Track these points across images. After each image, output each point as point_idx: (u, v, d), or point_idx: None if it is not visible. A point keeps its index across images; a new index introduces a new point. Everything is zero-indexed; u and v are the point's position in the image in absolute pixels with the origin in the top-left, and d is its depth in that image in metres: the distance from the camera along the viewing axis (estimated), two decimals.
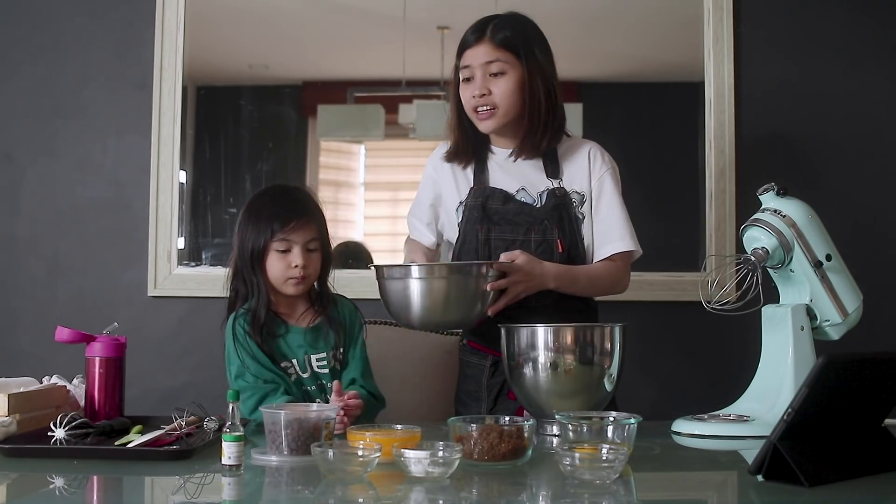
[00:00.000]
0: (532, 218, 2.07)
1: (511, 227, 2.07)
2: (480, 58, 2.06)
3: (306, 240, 1.98)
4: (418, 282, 1.89)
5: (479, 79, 2.06)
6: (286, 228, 1.97)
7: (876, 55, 2.88)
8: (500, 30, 2.07)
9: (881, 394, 1.49)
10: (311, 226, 2.00)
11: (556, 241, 2.06)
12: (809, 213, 1.93)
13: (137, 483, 1.40)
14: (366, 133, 2.93)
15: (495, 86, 2.06)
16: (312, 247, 2.00)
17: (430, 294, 1.90)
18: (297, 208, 2.00)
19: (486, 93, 2.06)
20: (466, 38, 2.10)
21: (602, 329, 1.82)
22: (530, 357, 1.81)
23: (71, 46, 2.89)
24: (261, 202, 2.05)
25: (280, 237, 1.97)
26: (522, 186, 2.12)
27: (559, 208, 2.08)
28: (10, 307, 2.86)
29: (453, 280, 1.91)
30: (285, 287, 1.99)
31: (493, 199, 2.10)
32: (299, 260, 1.97)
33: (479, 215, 2.09)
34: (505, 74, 2.06)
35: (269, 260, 1.98)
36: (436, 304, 1.91)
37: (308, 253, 1.99)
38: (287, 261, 1.97)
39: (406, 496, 1.33)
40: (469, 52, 2.08)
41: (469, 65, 2.08)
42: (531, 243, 2.06)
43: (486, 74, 2.06)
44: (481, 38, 2.06)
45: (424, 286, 1.89)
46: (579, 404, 1.80)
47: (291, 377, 2.00)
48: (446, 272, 1.92)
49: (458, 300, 1.91)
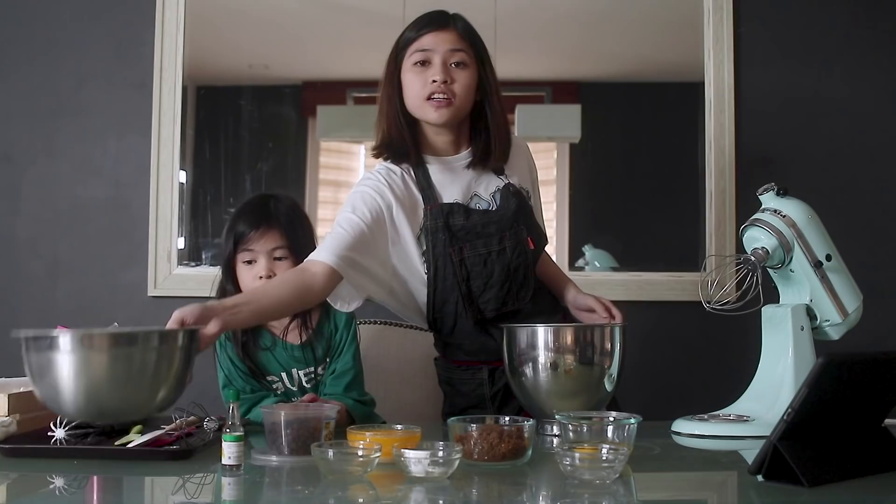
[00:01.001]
0: (500, 225, 1.97)
1: (483, 240, 1.95)
2: (444, 44, 1.93)
3: (270, 248, 1.95)
4: (70, 357, 1.37)
5: (439, 64, 1.93)
6: (246, 239, 1.95)
7: (875, 55, 2.88)
8: (460, 21, 1.98)
9: (881, 394, 1.49)
10: (272, 233, 1.96)
11: (528, 239, 2.01)
12: (809, 213, 1.93)
13: (137, 483, 1.40)
14: (364, 133, 2.93)
15: (457, 76, 1.94)
16: (279, 255, 1.96)
17: (88, 373, 1.37)
18: (257, 218, 1.96)
19: (447, 80, 1.92)
20: (421, 25, 1.96)
21: (602, 329, 1.83)
22: (530, 357, 1.81)
23: (71, 46, 2.89)
24: (234, 214, 2.04)
25: (242, 248, 1.95)
26: (474, 192, 2.01)
27: (519, 205, 2.00)
28: (10, 307, 2.85)
29: (119, 354, 1.38)
30: None
31: (452, 215, 1.94)
32: (263, 270, 1.95)
33: (447, 237, 1.93)
34: (467, 67, 1.95)
35: (238, 272, 1.98)
36: (95, 386, 1.37)
37: (275, 262, 1.96)
38: (253, 272, 1.96)
39: (406, 496, 1.33)
40: (431, 35, 1.94)
41: (429, 48, 1.94)
42: (507, 250, 1.96)
43: (448, 63, 1.93)
44: (445, 25, 1.95)
45: (79, 360, 1.37)
46: (580, 404, 1.79)
47: (278, 391, 2.00)
48: (108, 343, 1.38)
49: (129, 381, 1.39)
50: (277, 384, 2.00)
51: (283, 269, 1.95)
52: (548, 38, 2.19)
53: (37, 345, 1.38)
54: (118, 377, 1.36)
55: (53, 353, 1.35)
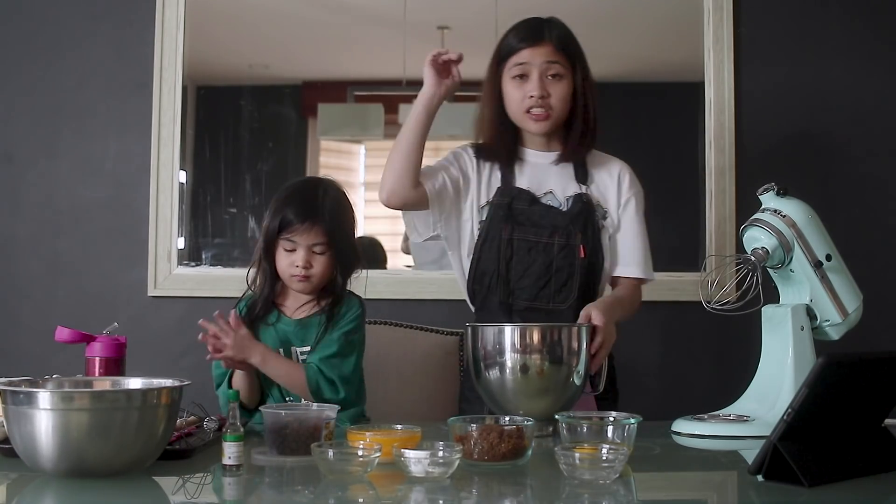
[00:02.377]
0: (557, 221, 2.07)
1: (535, 229, 2.06)
2: (541, 58, 2.05)
3: (311, 243, 1.99)
4: (50, 415, 1.31)
5: (536, 79, 2.05)
6: (290, 230, 1.98)
7: (875, 55, 2.88)
8: (556, 30, 2.07)
9: (881, 394, 1.49)
10: (316, 229, 1.99)
11: (579, 247, 2.05)
12: (809, 213, 1.93)
13: (137, 483, 1.39)
14: (366, 133, 2.93)
15: (553, 89, 2.06)
16: (318, 250, 2.00)
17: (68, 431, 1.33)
18: (305, 211, 1.99)
19: (545, 94, 2.05)
20: (519, 38, 2.07)
21: (569, 329, 1.80)
22: (496, 357, 1.79)
23: (71, 46, 2.89)
24: (282, 195, 2.06)
25: (285, 236, 1.99)
26: (550, 190, 2.11)
27: (584, 213, 2.09)
28: (10, 307, 2.86)
29: (101, 413, 1.33)
30: (290, 283, 2.02)
31: (519, 199, 2.09)
32: (300, 261, 1.98)
33: (504, 214, 2.07)
34: (563, 79, 2.06)
35: (277, 254, 2.02)
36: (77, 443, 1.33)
37: (314, 255, 2.00)
38: (291, 259, 2.00)
39: (406, 496, 1.33)
40: (527, 50, 2.05)
41: (526, 62, 2.05)
42: (554, 246, 2.05)
43: (545, 75, 2.05)
44: (541, 38, 2.05)
45: (59, 421, 1.32)
46: (546, 405, 1.77)
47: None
48: (90, 402, 1.34)
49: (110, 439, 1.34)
50: None
51: (320, 262, 2.00)
52: None
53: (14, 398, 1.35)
54: (99, 436, 1.33)
55: (32, 409, 1.33)
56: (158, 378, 1.49)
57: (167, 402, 1.40)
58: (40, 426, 1.33)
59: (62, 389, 1.48)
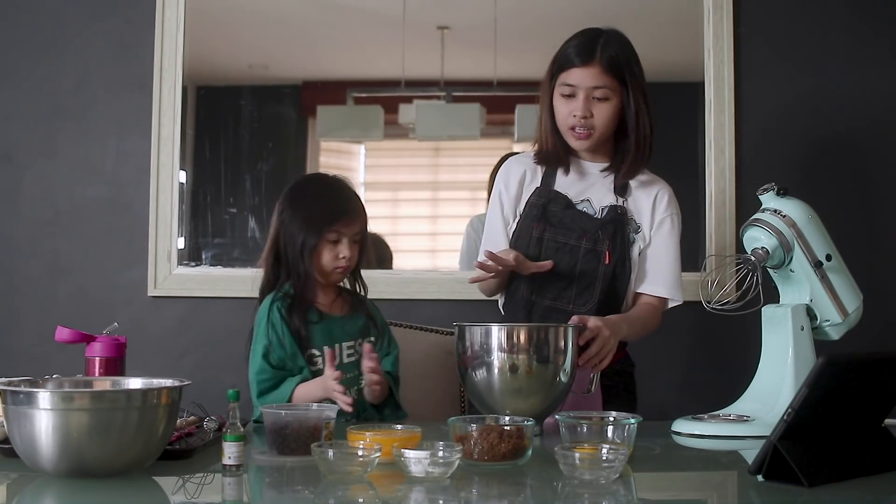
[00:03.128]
0: (587, 226, 2.11)
1: (565, 231, 2.11)
2: (587, 81, 2.08)
3: (354, 232, 2.06)
4: (50, 415, 1.33)
5: (581, 100, 2.09)
6: (340, 223, 2.04)
7: (875, 54, 2.88)
8: (608, 53, 2.08)
9: (881, 394, 1.49)
10: (360, 219, 2.08)
11: (605, 253, 2.08)
12: (809, 213, 1.93)
13: (137, 483, 1.39)
14: (365, 133, 2.93)
15: (597, 110, 2.09)
16: (357, 239, 2.08)
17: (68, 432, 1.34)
18: (349, 204, 2.09)
19: (587, 115, 2.09)
20: (571, 56, 2.10)
21: (556, 329, 1.81)
22: (484, 356, 1.79)
23: (71, 46, 2.89)
24: (311, 194, 2.12)
25: (334, 229, 2.04)
26: (588, 198, 2.15)
27: (615, 222, 2.11)
28: (10, 307, 2.85)
29: (101, 413, 1.34)
30: (331, 276, 2.07)
31: (555, 202, 2.14)
32: (347, 252, 2.05)
33: (538, 213, 2.13)
34: (608, 101, 2.09)
35: (321, 251, 2.05)
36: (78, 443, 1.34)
37: (353, 244, 2.07)
38: (335, 252, 2.05)
39: (406, 496, 1.33)
40: (576, 70, 2.08)
41: (574, 84, 2.09)
42: (580, 249, 2.09)
43: (590, 97, 2.08)
44: (590, 60, 2.07)
45: (59, 421, 1.33)
46: (533, 405, 1.78)
47: (316, 366, 2.02)
48: (90, 402, 1.35)
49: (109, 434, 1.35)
50: (318, 358, 2.03)
51: (356, 251, 2.07)
52: (548, 38, 2.20)
53: (14, 398, 1.36)
54: (99, 436, 1.33)
55: (32, 409, 1.33)
56: (158, 378, 1.49)
57: (167, 402, 1.40)
58: (40, 426, 1.33)
59: (62, 389, 1.48)
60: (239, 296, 2.80)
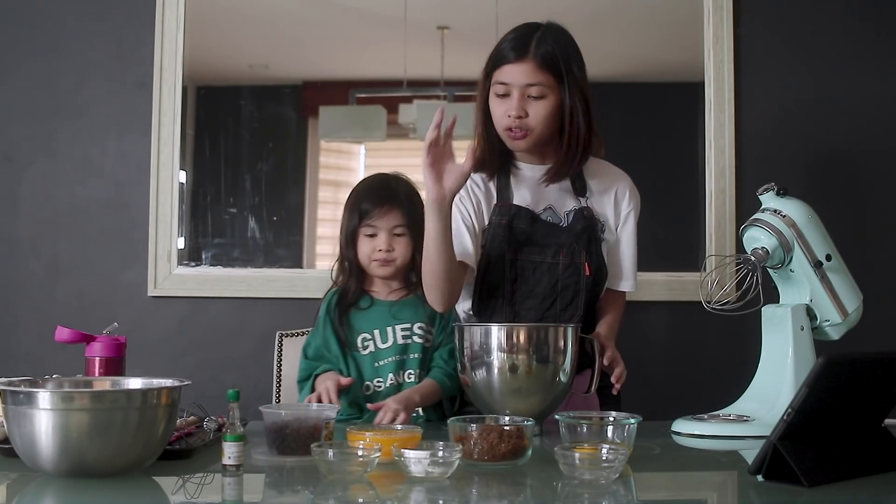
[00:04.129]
0: (560, 240, 2.03)
1: (539, 248, 2.03)
2: (520, 78, 1.97)
3: (391, 226, 2.12)
4: (50, 415, 1.32)
5: (515, 99, 1.98)
6: (371, 215, 2.12)
7: (875, 55, 2.88)
8: (543, 48, 1.97)
9: (881, 394, 1.49)
10: (395, 212, 2.12)
11: (584, 264, 2.03)
12: (809, 213, 1.93)
13: (138, 483, 1.40)
14: (367, 134, 2.93)
15: (532, 109, 1.99)
16: (399, 232, 2.13)
17: (67, 432, 1.33)
18: (382, 197, 2.13)
19: (522, 115, 1.98)
20: (505, 52, 1.99)
21: (556, 329, 1.81)
22: (484, 357, 1.80)
23: (71, 46, 2.89)
24: (357, 189, 2.22)
25: (367, 223, 2.12)
26: (549, 205, 2.08)
27: (587, 230, 2.05)
28: (10, 307, 2.85)
29: (102, 413, 1.34)
30: (372, 268, 2.14)
31: (518, 218, 2.04)
32: (383, 244, 2.11)
33: (505, 234, 2.02)
34: (544, 98, 1.98)
35: (359, 242, 2.14)
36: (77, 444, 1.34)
37: (394, 238, 2.12)
38: (373, 244, 2.12)
39: (406, 496, 1.33)
40: (508, 67, 1.98)
41: (507, 82, 1.98)
42: (559, 266, 2.02)
43: (525, 96, 1.98)
44: (523, 55, 1.97)
45: (59, 421, 1.32)
46: (533, 405, 1.79)
47: (367, 350, 2.10)
48: (90, 402, 1.34)
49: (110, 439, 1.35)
50: (369, 342, 2.11)
51: (402, 244, 2.13)
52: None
53: (14, 398, 1.36)
54: (99, 436, 1.33)
55: (32, 409, 1.33)
56: (158, 378, 1.49)
57: (167, 402, 1.40)
58: (40, 426, 1.33)
59: (62, 389, 1.48)
60: (239, 296, 2.82)
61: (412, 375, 2.08)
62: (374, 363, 2.09)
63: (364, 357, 2.10)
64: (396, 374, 2.08)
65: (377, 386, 2.08)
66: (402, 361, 2.09)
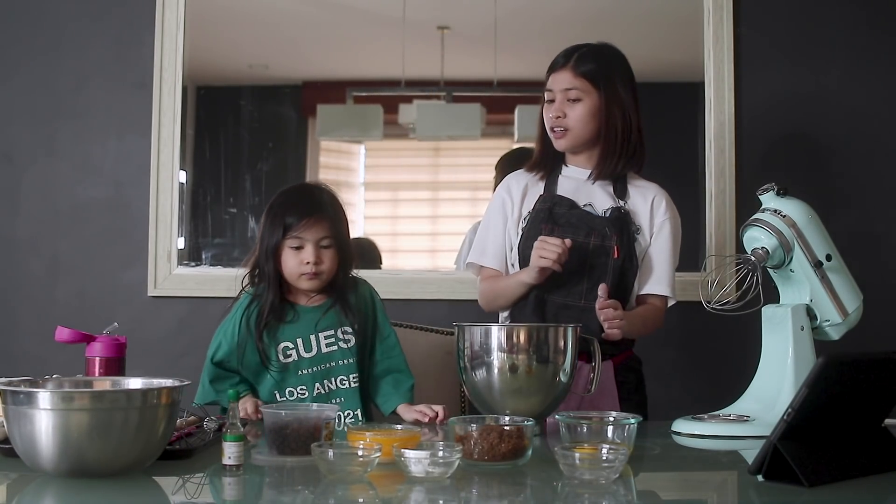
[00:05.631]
0: (594, 224, 2.17)
1: (573, 229, 2.16)
2: (560, 84, 2.21)
3: (318, 237, 2.04)
4: (50, 415, 1.32)
5: (557, 102, 2.21)
6: (297, 227, 2.04)
7: (875, 55, 2.88)
8: (583, 61, 2.20)
9: (881, 394, 1.49)
10: (322, 224, 2.05)
11: (613, 247, 2.14)
12: (809, 213, 1.93)
13: (138, 483, 1.40)
14: (365, 133, 2.93)
15: (571, 110, 2.20)
16: (325, 244, 2.05)
17: (68, 432, 1.33)
18: (309, 208, 2.06)
19: (561, 115, 2.20)
20: (554, 63, 2.24)
21: (556, 329, 1.82)
22: (484, 357, 1.80)
23: (71, 46, 2.89)
24: (279, 200, 2.12)
25: (292, 235, 2.04)
26: (590, 202, 2.22)
27: (621, 220, 2.18)
28: (10, 307, 2.86)
29: (101, 414, 1.33)
30: (299, 282, 2.06)
31: (559, 205, 2.21)
32: (311, 256, 2.03)
33: (545, 216, 2.20)
34: (580, 101, 2.19)
35: (283, 256, 2.06)
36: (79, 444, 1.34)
37: (321, 250, 2.05)
38: (300, 257, 2.04)
39: (406, 496, 1.33)
40: (553, 76, 2.23)
41: (551, 88, 2.23)
42: (588, 245, 2.15)
43: (565, 99, 2.20)
44: (565, 65, 2.21)
45: (59, 421, 1.32)
46: (533, 405, 1.79)
47: (289, 358, 2.04)
48: (90, 402, 1.34)
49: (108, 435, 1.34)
50: (291, 351, 2.05)
51: (328, 257, 2.05)
52: (548, 38, 2.22)
53: (14, 398, 1.35)
54: (99, 436, 1.33)
55: (32, 409, 1.33)
56: (158, 378, 1.49)
57: (167, 402, 1.40)
58: (40, 426, 1.32)
59: (62, 389, 1.48)
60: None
61: (345, 382, 2.05)
62: (297, 372, 2.04)
63: (285, 365, 2.04)
64: (322, 382, 2.04)
65: (301, 393, 2.03)
66: (327, 370, 2.05)
